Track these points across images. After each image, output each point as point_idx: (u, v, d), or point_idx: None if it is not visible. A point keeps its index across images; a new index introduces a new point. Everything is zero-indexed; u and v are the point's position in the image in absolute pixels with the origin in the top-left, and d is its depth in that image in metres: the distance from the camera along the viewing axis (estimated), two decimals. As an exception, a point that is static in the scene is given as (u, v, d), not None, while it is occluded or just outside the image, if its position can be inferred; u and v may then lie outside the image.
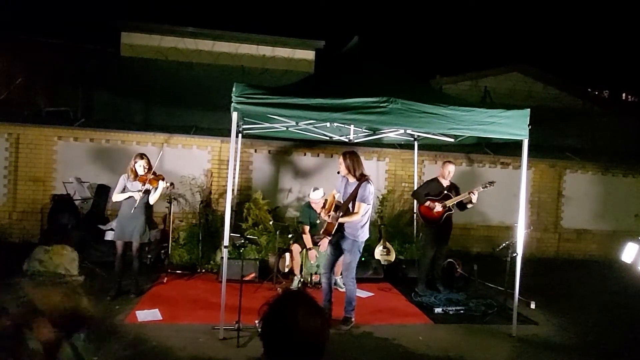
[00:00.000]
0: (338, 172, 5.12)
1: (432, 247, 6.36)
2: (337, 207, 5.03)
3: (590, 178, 10.26)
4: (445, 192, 6.29)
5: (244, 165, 8.70)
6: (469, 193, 6.13)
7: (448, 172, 6.35)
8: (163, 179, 5.68)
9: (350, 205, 4.97)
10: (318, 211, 6.32)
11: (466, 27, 18.21)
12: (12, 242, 8.13)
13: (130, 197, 5.58)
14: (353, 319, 5.11)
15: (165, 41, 11.42)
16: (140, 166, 5.60)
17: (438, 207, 6.19)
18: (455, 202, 6.25)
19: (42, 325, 1.77)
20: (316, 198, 6.42)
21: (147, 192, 5.64)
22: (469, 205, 6.30)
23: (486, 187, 6.17)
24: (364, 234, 5.07)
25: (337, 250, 5.15)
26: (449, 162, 6.49)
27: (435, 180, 6.46)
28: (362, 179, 4.95)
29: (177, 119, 9.84)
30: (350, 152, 5.07)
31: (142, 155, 5.69)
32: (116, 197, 5.69)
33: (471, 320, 5.53)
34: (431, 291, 6.35)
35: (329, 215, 4.95)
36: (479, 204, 6.57)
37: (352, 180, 4.99)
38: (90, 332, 2.24)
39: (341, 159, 5.01)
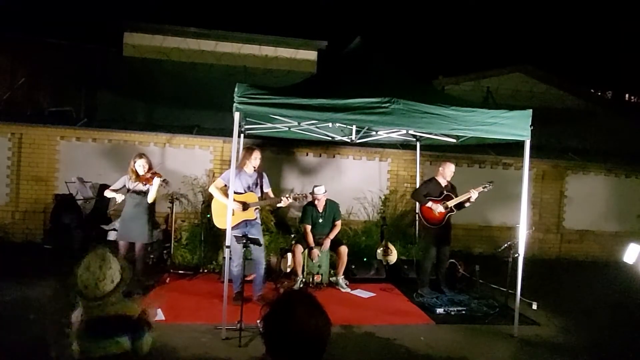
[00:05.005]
0: (254, 168, 5.65)
1: (435, 249, 6.32)
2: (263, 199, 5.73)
3: (593, 179, 10.24)
4: (446, 192, 6.27)
5: (246, 165, 8.69)
6: (470, 192, 6.12)
7: (450, 172, 6.32)
8: (160, 177, 5.69)
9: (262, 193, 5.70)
10: (320, 208, 6.35)
11: (469, 28, 18.21)
12: (14, 241, 8.15)
13: (119, 195, 5.70)
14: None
15: (168, 41, 11.45)
16: (140, 166, 5.62)
17: (440, 208, 6.16)
18: (456, 203, 6.24)
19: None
20: (319, 193, 6.52)
21: (146, 192, 5.66)
22: (467, 204, 6.28)
23: (485, 187, 6.14)
24: None
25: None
26: (449, 161, 6.45)
27: (433, 181, 6.40)
28: (259, 169, 5.73)
29: (180, 119, 9.86)
30: (255, 146, 5.83)
31: (141, 155, 5.72)
32: (108, 192, 5.81)
33: (473, 321, 5.52)
34: (435, 292, 6.33)
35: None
36: (481, 205, 6.56)
37: (250, 171, 5.63)
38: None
39: (259, 153, 5.61)
